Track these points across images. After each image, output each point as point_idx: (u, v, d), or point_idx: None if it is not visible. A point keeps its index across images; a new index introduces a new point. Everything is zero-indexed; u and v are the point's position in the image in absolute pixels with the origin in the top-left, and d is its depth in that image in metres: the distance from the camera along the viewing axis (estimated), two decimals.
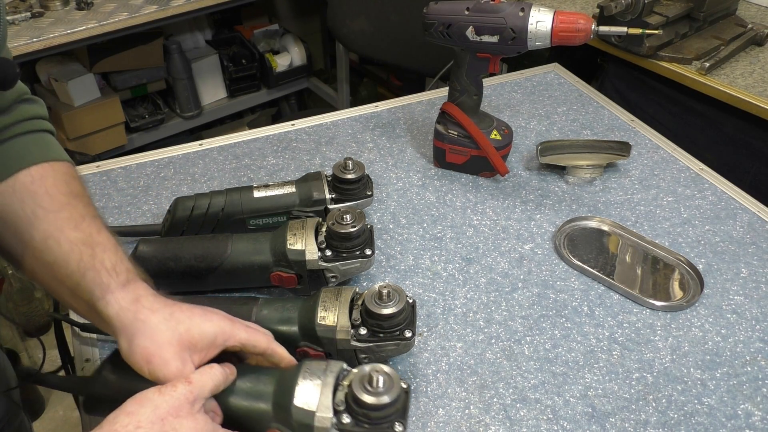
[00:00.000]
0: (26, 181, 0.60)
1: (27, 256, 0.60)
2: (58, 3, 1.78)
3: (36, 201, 0.59)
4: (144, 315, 0.56)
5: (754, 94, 1.27)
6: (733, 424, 0.69)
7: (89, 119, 2.07)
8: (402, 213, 0.98)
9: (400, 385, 0.58)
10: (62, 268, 0.58)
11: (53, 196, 0.60)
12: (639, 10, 1.34)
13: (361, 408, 0.57)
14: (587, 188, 1.03)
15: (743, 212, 0.98)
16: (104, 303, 0.57)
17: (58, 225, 0.59)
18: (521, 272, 0.88)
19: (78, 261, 0.58)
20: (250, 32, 2.50)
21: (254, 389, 0.60)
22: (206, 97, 2.43)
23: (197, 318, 0.58)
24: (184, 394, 0.53)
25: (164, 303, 0.58)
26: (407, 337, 0.67)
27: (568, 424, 0.69)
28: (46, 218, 0.59)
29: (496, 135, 1.01)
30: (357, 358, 0.69)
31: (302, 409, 0.57)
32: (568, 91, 1.30)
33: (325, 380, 0.59)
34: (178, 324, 0.57)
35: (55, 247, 0.58)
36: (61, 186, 0.61)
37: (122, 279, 0.58)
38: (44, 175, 0.61)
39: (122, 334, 0.56)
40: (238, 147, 1.12)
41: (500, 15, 0.88)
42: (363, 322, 0.68)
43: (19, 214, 0.59)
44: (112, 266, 0.58)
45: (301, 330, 0.69)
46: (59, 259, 0.58)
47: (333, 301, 0.69)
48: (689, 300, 0.83)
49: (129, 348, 0.56)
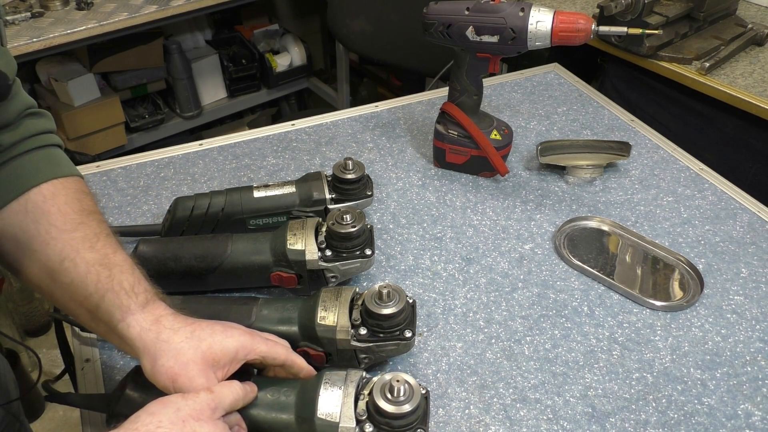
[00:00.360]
0: (38, 201, 0.60)
1: (43, 277, 0.60)
2: (58, 3, 1.78)
3: (50, 221, 0.59)
4: (166, 335, 0.57)
5: (754, 94, 1.27)
6: (733, 424, 0.69)
7: (89, 119, 2.07)
8: (402, 213, 0.98)
9: (420, 392, 0.59)
10: (80, 289, 0.58)
11: (66, 215, 0.60)
12: (639, 10, 1.34)
13: (383, 417, 0.57)
14: (587, 188, 1.03)
15: (743, 212, 0.98)
16: (125, 325, 0.58)
17: (74, 246, 0.59)
18: (521, 272, 0.88)
19: (96, 282, 0.58)
20: (250, 32, 2.50)
21: (276, 401, 0.60)
22: (206, 97, 2.43)
23: (218, 335, 0.59)
24: (206, 400, 0.54)
25: (185, 322, 0.59)
26: (407, 337, 0.67)
27: (568, 424, 0.69)
28: (60, 238, 0.59)
29: (496, 135, 1.01)
30: (357, 358, 0.69)
31: (325, 421, 0.58)
32: (568, 91, 1.30)
33: (346, 390, 0.59)
34: (200, 342, 0.58)
35: (71, 269, 0.58)
36: (74, 204, 0.61)
37: (141, 300, 0.59)
38: (56, 194, 0.61)
39: (145, 355, 0.57)
40: (238, 147, 1.12)
41: (500, 15, 0.88)
42: (363, 322, 0.68)
43: (33, 235, 0.59)
44: (130, 287, 0.59)
45: (301, 330, 0.69)
46: (76, 281, 0.58)
47: (333, 301, 0.69)
48: (689, 300, 0.83)
49: (153, 369, 0.57)
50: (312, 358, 0.68)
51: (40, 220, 0.59)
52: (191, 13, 1.95)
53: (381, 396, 0.58)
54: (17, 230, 0.60)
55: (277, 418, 0.60)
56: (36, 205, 0.60)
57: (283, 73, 2.54)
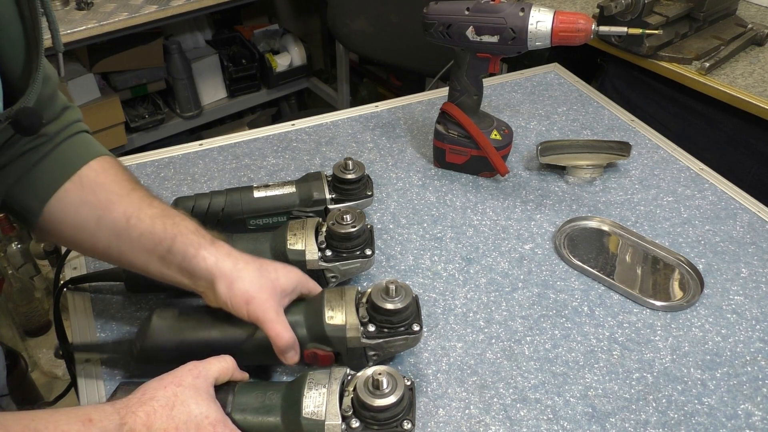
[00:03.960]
0: (91, 176, 0.67)
1: (112, 239, 0.66)
2: (58, 3, 1.78)
3: (107, 189, 0.67)
4: (241, 265, 0.65)
5: (754, 94, 1.27)
6: (733, 424, 0.69)
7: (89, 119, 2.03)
8: (402, 213, 0.98)
9: (404, 383, 0.59)
10: (150, 238, 0.65)
11: (119, 183, 0.68)
12: (639, 10, 1.34)
13: (369, 411, 0.58)
14: (587, 188, 1.03)
15: (743, 212, 0.98)
16: (201, 258, 0.65)
17: (135, 205, 0.66)
18: (521, 272, 0.88)
19: (163, 230, 0.65)
20: (250, 32, 2.50)
21: (262, 405, 0.61)
22: (206, 97, 2.43)
23: (282, 270, 0.68)
24: (188, 367, 0.58)
25: (252, 258, 0.67)
26: (415, 331, 0.67)
27: (568, 424, 0.69)
28: (121, 202, 0.66)
29: (496, 135, 1.01)
30: (366, 355, 0.69)
31: (311, 420, 0.58)
32: (568, 91, 1.30)
33: (330, 388, 0.60)
34: (269, 273, 0.66)
35: (138, 223, 0.65)
36: (122, 175, 0.69)
37: (209, 239, 0.67)
38: (105, 168, 0.69)
39: (221, 280, 0.64)
40: (238, 147, 1.12)
41: (500, 15, 0.88)
42: (371, 319, 0.68)
43: (95, 204, 0.66)
44: (195, 229, 0.67)
45: (309, 332, 0.68)
46: (146, 232, 0.65)
47: (338, 300, 0.69)
48: (689, 300, 0.83)
49: (229, 291, 0.64)
50: (320, 359, 0.68)
51: (98, 191, 0.67)
52: (191, 13, 1.95)
53: (365, 390, 0.58)
54: (79, 204, 0.66)
55: (264, 421, 0.60)
56: (90, 179, 0.67)
57: (283, 73, 2.54)
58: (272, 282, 0.66)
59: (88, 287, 0.84)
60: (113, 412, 0.52)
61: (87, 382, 0.73)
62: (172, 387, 0.55)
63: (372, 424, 0.58)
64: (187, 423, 0.53)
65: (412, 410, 0.60)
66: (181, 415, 0.53)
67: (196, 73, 2.34)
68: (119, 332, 0.78)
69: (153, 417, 0.52)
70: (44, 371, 1.83)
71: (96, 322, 0.80)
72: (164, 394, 0.54)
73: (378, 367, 0.60)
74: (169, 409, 0.53)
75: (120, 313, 0.81)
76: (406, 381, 0.60)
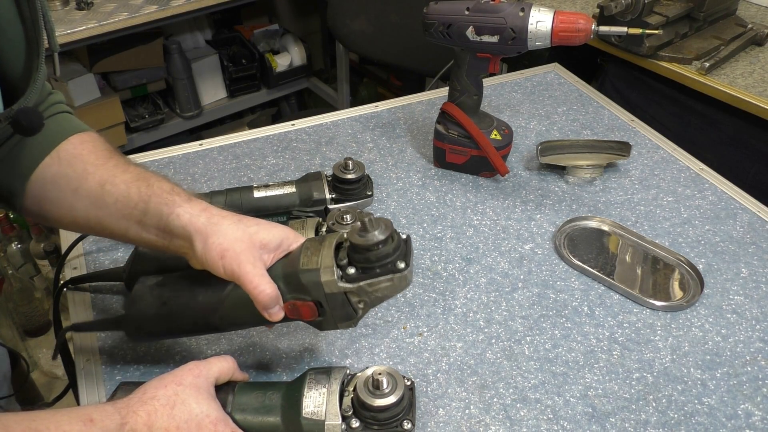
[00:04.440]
0: (69, 149, 0.67)
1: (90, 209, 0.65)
2: (58, 3, 1.78)
3: (84, 160, 0.66)
4: (216, 219, 0.62)
5: (754, 94, 1.27)
6: (733, 424, 0.69)
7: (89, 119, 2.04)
8: (402, 213, 0.98)
9: (404, 383, 0.59)
10: (125, 203, 0.64)
11: (96, 153, 0.67)
12: (639, 10, 1.34)
13: (369, 411, 0.58)
14: (587, 188, 1.03)
15: (743, 212, 0.98)
16: (175, 216, 0.62)
17: (110, 172, 0.65)
18: (521, 272, 0.88)
19: (138, 193, 0.63)
20: (250, 32, 2.50)
21: (262, 405, 0.61)
22: (206, 97, 2.43)
23: (264, 224, 0.63)
24: (188, 366, 0.58)
25: (231, 213, 0.64)
26: (400, 269, 0.58)
27: (568, 424, 0.69)
28: (96, 171, 0.65)
29: (496, 135, 1.01)
30: (350, 303, 0.60)
31: (311, 420, 0.58)
32: (568, 91, 1.30)
33: (330, 388, 0.60)
34: (247, 227, 0.62)
35: (112, 189, 0.64)
36: (101, 145, 0.69)
37: (185, 197, 0.64)
38: (83, 141, 0.68)
39: (196, 236, 0.61)
40: (238, 147, 1.12)
41: (500, 15, 0.88)
42: (351, 261, 0.60)
43: (72, 176, 0.65)
44: (170, 189, 0.64)
45: (286, 283, 0.61)
46: (120, 197, 0.64)
47: (317, 246, 0.62)
48: (689, 300, 0.83)
49: (204, 248, 0.60)
50: (301, 311, 0.61)
51: (74, 163, 0.66)
52: (191, 13, 1.94)
53: (365, 390, 0.58)
54: (57, 178, 0.65)
55: (264, 421, 0.60)
56: (68, 153, 0.66)
57: (283, 73, 2.54)
58: (250, 235, 0.61)
59: (88, 287, 0.84)
60: (114, 411, 0.52)
61: (87, 382, 0.73)
62: (172, 386, 0.55)
63: (372, 424, 0.58)
64: (188, 422, 0.53)
65: (412, 410, 0.60)
66: (182, 414, 0.53)
67: (196, 73, 2.33)
68: (119, 332, 0.78)
69: (154, 416, 0.52)
70: (44, 371, 1.83)
71: None
72: (165, 393, 0.54)
73: (378, 367, 0.60)
74: (170, 408, 0.53)
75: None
76: (406, 381, 0.60)
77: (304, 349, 0.76)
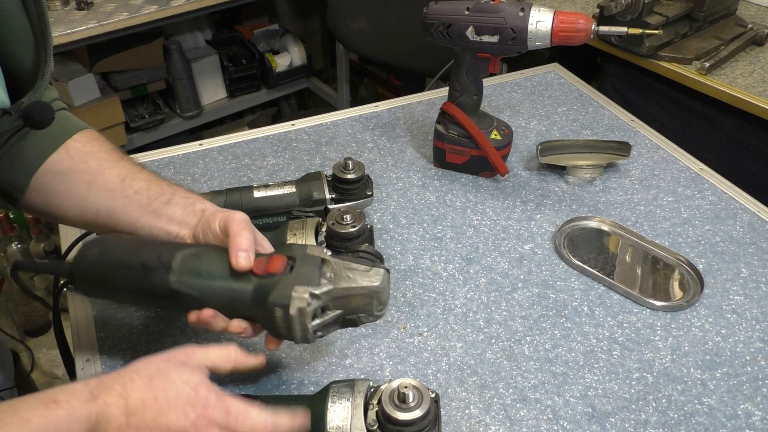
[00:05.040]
0: (77, 146, 0.69)
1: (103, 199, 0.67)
2: (58, 3, 1.78)
3: (98, 157, 0.69)
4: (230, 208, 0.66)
5: (754, 94, 1.27)
6: (733, 424, 0.69)
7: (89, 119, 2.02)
8: (402, 213, 0.98)
9: (429, 396, 0.58)
10: (146, 194, 0.67)
11: (108, 152, 0.70)
12: (639, 10, 1.34)
13: (395, 425, 0.57)
14: (587, 188, 1.03)
15: (743, 212, 0.98)
16: (199, 202, 0.67)
17: (128, 169, 0.69)
18: (521, 272, 0.88)
19: (159, 188, 0.68)
20: (250, 32, 2.50)
21: None
22: (206, 97, 2.43)
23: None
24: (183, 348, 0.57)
25: None
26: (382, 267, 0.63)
27: (568, 424, 0.69)
28: (113, 167, 0.69)
29: (496, 135, 1.01)
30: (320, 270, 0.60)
31: None
32: (568, 91, 1.30)
33: (355, 401, 0.59)
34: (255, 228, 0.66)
35: (133, 183, 0.67)
36: (108, 146, 0.71)
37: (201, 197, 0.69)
38: (90, 139, 0.71)
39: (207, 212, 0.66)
40: (238, 147, 1.12)
41: (500, 15, 0.88)
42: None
43: (86, 170, 0.68)
44: (188, 189, 0.69)
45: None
46: (141, 189, 0.67)
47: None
48: (689, 300, 0.83)
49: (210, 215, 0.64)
50: (272, 260, 0.60)
51: (88, 159, 0.69)
52: (191, 13, 1.95)
53: (390, 404, 0.57)
54: (69, 172, 0.68)
55: None
56: (78, 150, 0.69)
57: (283, 73, 2.54)
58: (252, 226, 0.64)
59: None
60: (84, 389, 0.50)
61: None
62: (157, 362, 0.54)
63: None
64: (166, 391, 0.51)
65: (438, 423, 0.59)
66: (160, 384, 0.52)
67: (196, 73, 2.33)
68: (119, 332, 0.78)
69: (130, 387, 0.51)
70: (44, 371, 1.83)
71: (96, 321, 0.80)
72: (147, 367, 0.53)
73: (403, 380, 0.59)
74: (148, 380, 0.52)
75: (120, 313, 0.81)
76: (431, 394, 0.59)
77: (303, 348, 0.76)
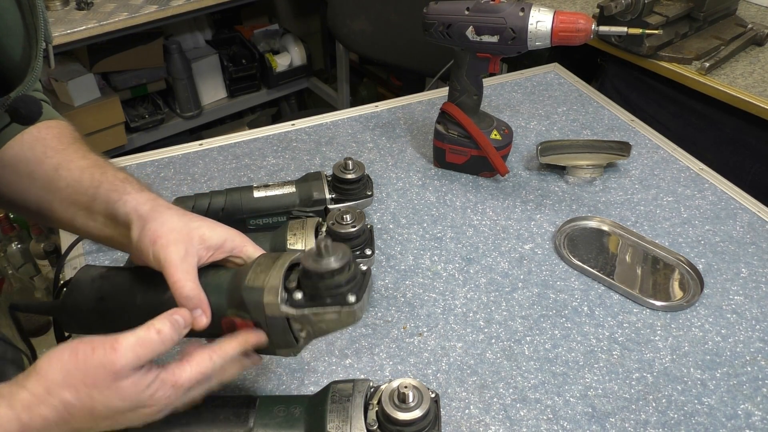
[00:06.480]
0: (34, 133, 0.66)
1: (42, 193, 0.63)
2: (58, 3, 1.78)
3: (45, 144, 0.65)
4: (160, 209, 0.59)
5: (754, 94, 1.27)
6: (733, 424, 0.69)
7: (89, 119, 2.07)
8: (402, 213, 0.98)
9: (429, 396, 0.58)
10: (76, 188, 0.62)
11: (60, 138, 0.66)
12: (639, 10, 1.34)
13: (395, 425, 0.57)
14: (587, 188, 1.03)
15: (743, 212, 0.98)
16: (122, 203, 0.59)
17: (67, 157, 0.64)
18: (521, 272, 0.88)
19: (90, 179, 0.62)
20: (250, 32, 2.50)
21: (285, 419, 0.60)
22: (206, 97, 2.43)
23: (209, 222, 0.60)
24: (101, 360, 0.48)
25: (179, 208, 0.61)
26: (350, 302, 0.53)
27: (568, 424, 0.69)
28: (55, 156, 0.64)
29: (496, 135, 1.01)
30: (291, 330, 0.56)
31: None
32: (568, 91, 1.30)
33: (354, 402, 0.59)
34: (190, 221, 0.58)
35: (66, 174, 0.62)
36: (66, 133, 0.67)
37: (137, 187, 0.61)
38: (50, 127, 0.67)
39: (136, 222, 0.58)
40: (238, 147, 1.12)
41: (500, 15, 0.88)
42: (300, 285, 0.55)
43: (30, 158, 0.64)
44: (124, 178, 0.62)
45: (228, 295, 0.57)
46: (72, 182, 0.62)
47: (269, 263, 0.57)
48: (689, 300, 0.83)
49: (140, 233, 0.57)
50: (238, 327, 0.57)
51: (35, 146, 0.65)
52: (191, 13, 1.95)
53: (390, 404, 0.57)
54: (16, 161, 0.64)
55: None
56: (32, 137, 0.65)
57: (283, 73, 2.54)
58: (190, 229, 0.57)
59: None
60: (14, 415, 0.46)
61: None
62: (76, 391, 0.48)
63: None
64: (106, 418, 0.49)
65: (438, 423, 0.59)
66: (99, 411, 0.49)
67: (196, 73, 2.34)
68: None
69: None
70: None
71: None
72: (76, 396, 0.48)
73: (403, 380, 0.59)
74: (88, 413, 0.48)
75: None
76: (431, 394, 0.59)
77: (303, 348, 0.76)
